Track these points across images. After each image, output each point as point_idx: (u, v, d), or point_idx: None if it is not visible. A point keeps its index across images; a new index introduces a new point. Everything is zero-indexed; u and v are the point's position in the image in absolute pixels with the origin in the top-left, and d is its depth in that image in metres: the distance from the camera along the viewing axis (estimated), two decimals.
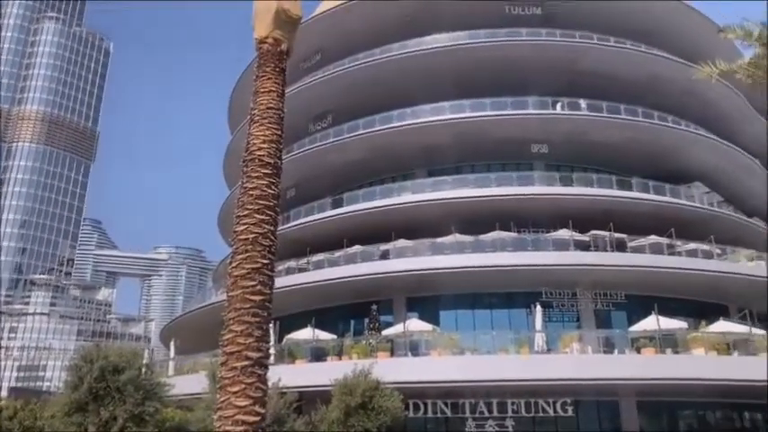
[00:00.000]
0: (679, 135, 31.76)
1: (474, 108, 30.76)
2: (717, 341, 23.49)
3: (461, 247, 27.50)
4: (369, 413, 18.00)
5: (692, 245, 28.35)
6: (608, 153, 32.31)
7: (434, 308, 28.58)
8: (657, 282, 26.88)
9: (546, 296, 26.97)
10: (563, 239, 27.57)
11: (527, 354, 22.75)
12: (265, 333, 6.64)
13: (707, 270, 26.74)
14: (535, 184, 30.04)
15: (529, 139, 31.18)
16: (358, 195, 31.95)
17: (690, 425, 26.59)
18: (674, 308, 27.64)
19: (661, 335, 23.40)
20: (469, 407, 23.16)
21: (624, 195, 29.32)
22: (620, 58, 31.52)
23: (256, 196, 7.03)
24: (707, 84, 25.87)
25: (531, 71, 31.85)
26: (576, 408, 23.52)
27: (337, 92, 33.45)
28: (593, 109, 30.88)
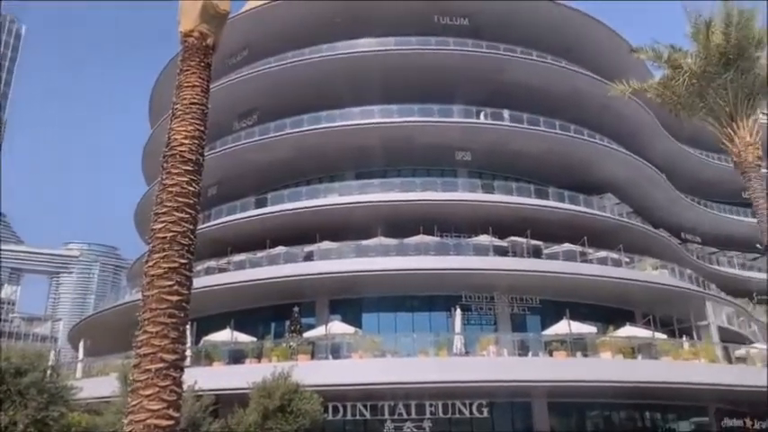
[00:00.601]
0: (594, 148, 33.34)
1: (402, 113, 31.14)
2: (623, 345, 24.78)
3: (386, 250, 27.73)
4: (287, 416, 17.81)
5: (602, 253, 29.79)
6: (528, 163, 33.51)
7: (357, 310, 28.66)
8: (570, 287, 28.07)
9: (466, 300, 27.60)
10: (483, 245, 28.33)
11: (446, 356, 23.16)
12: (182, 334, 6.46)
13: (615, 277, 28.19)
14: (458, 190, 30.71)
15: (454, 147, 31.87)
16: (283, 195, 31.60)
17: (596, 425, 27.86)
18: (585, 313, 28.95)
19: (572, 338, 24.44)
20: (388, 409, 23.33)
21: (541, 204, 30.47)
22: (541, 72, 32.77)
23: (176, 193, 6.83)
24: (621, 100, 27.38)
25: (458, 80, 32.58)
26: (491, 409, 24.15)
27: (264, 90, 32.99)
28: (515, 120, 31.92)
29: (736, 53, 14.60)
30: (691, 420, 29.59)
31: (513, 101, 32.58)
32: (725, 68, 14.71)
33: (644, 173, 35.88)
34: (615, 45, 34.17)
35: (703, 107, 15.43)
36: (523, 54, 32.46)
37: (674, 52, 15.66)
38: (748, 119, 14.99)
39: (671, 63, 15.69)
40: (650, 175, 36.29)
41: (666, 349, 25.48)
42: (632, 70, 27.34)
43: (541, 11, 33.57)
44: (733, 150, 15.13)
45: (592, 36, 35.02)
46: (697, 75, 15.08)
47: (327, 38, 32.52)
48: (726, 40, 14.59)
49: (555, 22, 34.02)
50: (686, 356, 25.63)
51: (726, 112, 15.03)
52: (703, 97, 15.26)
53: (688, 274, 32.89)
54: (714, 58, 14.79)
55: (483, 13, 33.25)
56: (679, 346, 26.30)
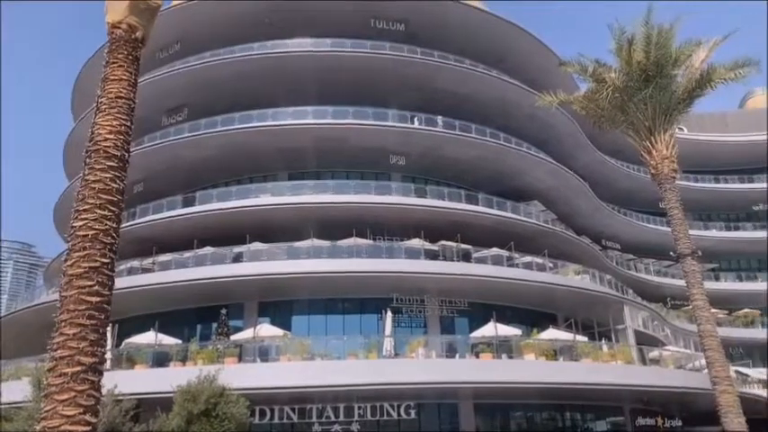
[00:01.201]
0: (522, 157, 34.35)
1: (336, 115, 31.08)
2: (546, 347, 25.61)
3: (318, 253, 27.56)
4: (212, 420, 17.40)
5: (528, 258, 30.71)
6: (459, 168, 34.18)
7: (287, 313, 28.39)
8: (497, 291, 28.80)
9: (397, 302, 27.86)
10: (415, 248, 28.66)
11: (375, 358, 23.27)
12: (102, 336, 6.20)
13: (540, 281, 29.12)
14: (392, 193, 30.94)
15: (388, 150, 32.09)
16: (212, 194, 30.86)
17: (520, 425, 28.68)
18: (511, 315, 29.77)
19: (498, 341, 25.09)
20: (317, 412, 23.19)
21: (472, 209, 31.10)
22: (473, 80, 33.50)
23: (99, 190, 6.55)
24: (549, 110, 28.46)
25: (393, 84, 32.86)
26: (419, 410, 24.43)
27: (195, 86, 32.17)
28: (448, 126, 32.47)
29: (655, 70, 15.44)
30: (607, 420, 30.93)
31: (447, 107, 33.16)
32: (645, 84, 15.52)
33: (569, 182, 37.29)
34: (545, 57, 35.35)
35: (624, 120, 16.22)
36: (457, 62, 33.06)
37: (598, 67, 16.39)
38: (665, 133, 15.87)
39: (595, 77, 16.41)
40: (575, 184, 37.76)
41: (587, 351, 26.50)
42: (561, 82, 28.41)
43: (475, 20, 34.31)
44: (651, 162, 15.97)
45: (523, 47, 36.09)
46: (619, 89, 15.85)
47: (262, 36, 32.07)
48: (646, 58, 15.40)
49: (488, 33, 34.85)
50: (605, 358, 26.76)
51: (645, 126, 15.87)
52: (625, 111, 16.05)
53: (608, 280, 34.39)
54: (635, 74, 15.59)
55: (418, 20, 33.68)
56: (598, 349, 27.40)
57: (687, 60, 15.89)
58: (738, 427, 13.51)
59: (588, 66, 16.64)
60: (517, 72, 35.50)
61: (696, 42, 15.89)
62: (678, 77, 16.00)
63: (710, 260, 47.68)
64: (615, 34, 15.77)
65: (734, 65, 15.57)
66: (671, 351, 32.35)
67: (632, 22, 15.88)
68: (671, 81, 15.80)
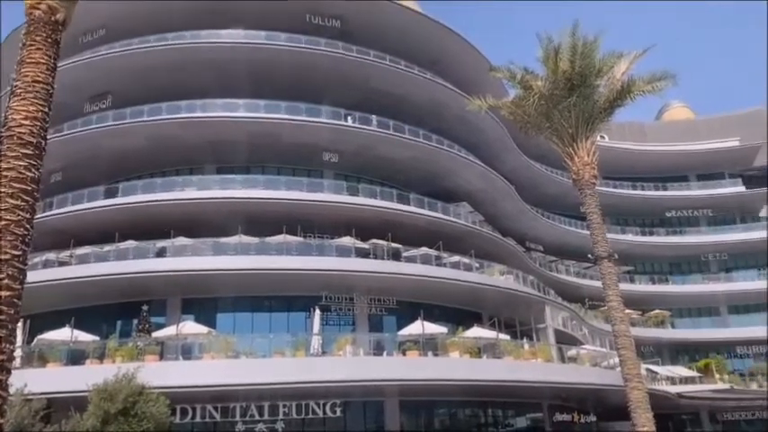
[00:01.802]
0: (453, 159, 34.97)
1: (269, 109, 30.62)
2: (470, 345, 26.19)
3: (246, 249, 27.11)
4: (130, 420, 16.79)
5: (456, 257, 31.32)
6: (392, 168, 34.44)
7: (212, 310, 27.78)
8: (425, 289, 29.23)
9: (326, 300, 27.80)
10: (346, 246, 28.67)
11: (303, 357, 23.12)
12: (11, 333, 5.88)
13: (467, 281, 29.76)
14: (324, 191, 30.78)
15: (321, 147, 31.95)
16: (136, 186, 29.77)
17: (443, 422, 29.19)
18: (438, 314, 30.29)
19: (425, 339, 25.45)
20: (240, 410, 22.82)
21: (403, 209, 31.41)
22: (408, 81, 33.84)
23: (11, 179, 6.22)
24: (479, 114, 29.10)
25: (327, 81, 32.73)
26: (345, 408, 24.46)
27: (121, 73, 30.94)
28: (382, 126, 32.66)
29: (579, 80, 16.08)
30: (527, 416, 32.00)
31: (382, 107, 33.33)
32: (569, 93, 16.15)
33: (496, 185, 38.28)
34: (477, 61, 36.11)
35: (549, 127, 16.82)
36: (392, 62, 33.29)
37: (526, 74, 16.92)
38: (587, 140, 16.57)
39: (523, 84, 16.93)
40: (502, 187, 38.80)
41: (509, 349, 27.32)
42: (493, 86, 29.17)
43: (409, 21, 34.64)
44: (573, 168, 16.64)
45: (456, 50, 36.71)
46: (545, 97, 16.42)
47: (194, 25, 31.17)
48: (571, 68, 16.03)
49: (423, 34, 35.28)
50: (526, 356, 27.65)
51: (568, 133, 16.51)
52: (550, 118, 16.64)
53: (530, 280, 35.55)
54: (561, 82, 16.19)
55: (354, 18, 33.68)
56: (520, 347, 28.29)
57: (609, 71, 16.64)
58: (646, 422, 14.28)
59: (517, 73, 17.16)
60: (451, 74, 36.10)
61: (618, 55, 16.67)
62: (600, 88, 16.73)
63: (626, 263, 50.21)
64: (543, 43, 16.34)
65: (652, 78, 16.43)
66: (588, 350, 33.79)
67: (559, 33, 16.48)
68: (594, 91, 16.51)
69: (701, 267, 55.30)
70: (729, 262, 55.09)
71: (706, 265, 55.25)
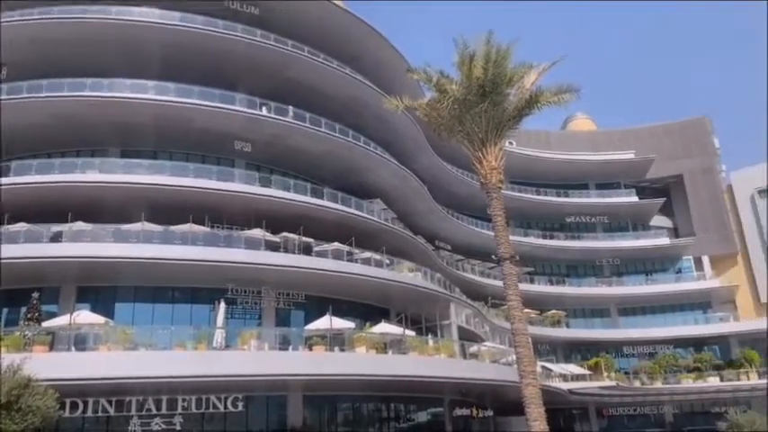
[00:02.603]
0: (368, 156, 35.15)
1: (180, 93, 29.49)
2: (377, 341, 26.50)
3: (149, 237, 26.01)
4: (14, 414, 15.67)
5: (367, 254, 31.52)
6: (307, 161, 34.17)
7: (110, 299, 26.53)
8: (335, 285, 29.25)
9: (232, 293, 27.26)
10: (255, 238, 28.14)
11: (205, 350, 22.54)
12: None
13: (377, 277, 30.03)
14: (235, 181, 30.01)
15: (233, 136, 31.20)
16: (31, 165, 27.81)
17: (346, 416, 29.40)
18: (346, 309, 30.46)
19: (332, 334, 25.49)
20: (136, 404, 21.95)
21: (316, 203, 31.22)
22: (326, 75, 33.65)
23: None
24: (396, 113, 29.38)
25: (244, 69, 32.01)
26: (247, 403, 24.10)
27: (19, 44, 28.77)
28: (299, 118, 32.28)
29: (491, 87, 16.62)
30: (428, 411, 32.82)
31: (298, 99, 32.96)
32: (482, 99, 16.65)
33: (410, 183, 38.86)
34: (396, 61, 36.47)
35: (461, 131, 17.28)
36: (311, 54, 32.98)
37: (441, 78, 17.30)
38: (495, 146, 17.16)
39: (438, 87, 17.30)
40: (415, 186, 39.43)
41: (414, 345, 27.86)
42: (410, 87, 29.60)
43: (330, 15, 34.39)
44: (481, 171, 17.20)
45: (376, 48, 36.85)
46: (459, 101, 16.85)
47: None
48: (484, 74, 16.53)
49: (344, 30, 35.19)
50: (430, 352, 28.29)
51: (479, 137, 17.03)
52: (462, 122, 17.10)
53: (438, 278, 36.37)
54: (474, 88, 16.66)
55: (274, 6, 33.05)
56: (425, 343, 28.94)
57: (520, 81, 17.29)
58: (538, 417, 15.02)
59: (433, 75, 17.50)
60: (370, 72, 36.23)
61: (529, 65, 17.36)
62: (511, 96, 17.35)
63: (527, 264, 52.50)
64: (459, 49, 16.75)
65: (558, 90, 17.24)
66: (488, 346, 35.03)
67: (475, 39, 16.95)
68: (504, 98, 17.11)
69: (596, 271, 58.78)
70: (621, 267, 58.92)
71: (600, 269, 58.78)
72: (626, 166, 60.23)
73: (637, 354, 54.84)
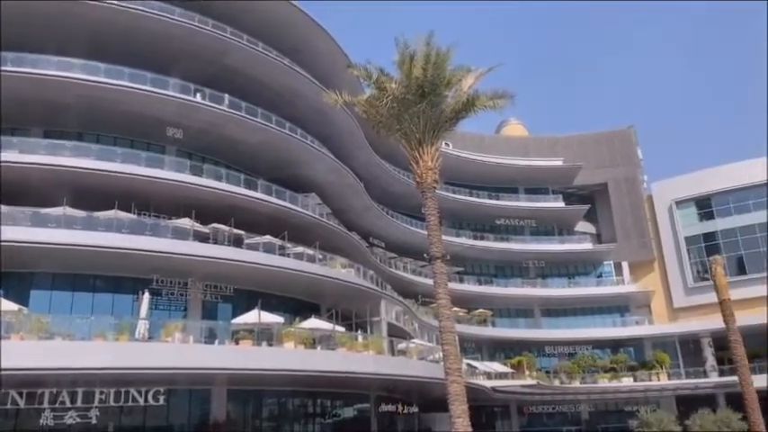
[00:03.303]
0: (306, 149, 34.85)
1: (110, 74, 28.23)
2: (306, 336, 26.37)
3: (70, 222, 24.82)
4: None
5: (300, 248, 31.29)
6: (241, 151, 33.54)
7: (26, 286, 25.20)
8: (266, 278, 28.88)
9: (157, 283, 26.48)
10: (184, 228, 27.40)
11: (126, 341, 21.78)
12: None
13: (309, 272, 29.85)
14: (165, 168, 29.08)
15: (165, 121, 30.22)
16: None
17: (272, 411, 29.16)
18: (276, 304, 30.13)
19: (260, 328, 25.18)
20: (49, 397, 20.95)
21: (250, 194, 30.67)
22: (264, 65, 33.07)
23: None
24: (335, 108, 29.24)
25: (179, 53, 31.05)
26: (168, 397, 23.49)
27: None
28: (234, 106, 31.59)
29: (430, 88, 16.80)
30: (354, 407, 32.95)
31: (235, 87, 32.29)
32: (420, 99, 16.81)
33: (346, 179, 38.80)
34: (337, 56, 36.24)
35: (399, 129, 17.39)
36: (250, 42, 32.34)
37: (381, 76, 17.35)
38: (432, 146, 17.37)
39: (378, 84, 17.35)
40: (351, 183, 39.40)
41: (343, 341, 27.90)
42: (350, 83, 29.46)
43: (274, 6, 33.77)
44: (417, 171, 17.37)
45: (318, 42, 36.48)
46: (398, 100, 16.95)
47: None
48: (424, 75, 16.70)
49: (286, 21, 34.63)
50: (359, 348, 28.43)
51: (416, 137, 17.19)
52: (400, 121, 17.21)
53: (370, 275, 36.53)
54: (413, 88, 16.80)
55: None
56: (354, 339, 29.04)
57: (458, 84, 17.56)
58: (462, 414, 15.34)
59: (373, 73, 17.53)
60: (311, 65, 35.86)
61: (467, 69, 17.66)
62: (449, 98, 17.60)
63: (458, 264, 53.50)
64: (400, 48, 16.85)
65: (494, 95, 17.63)
66: (416, 344, 35.50)
67: (416, 39, 17.08)
68: (442, 100, 17.34)
69: (522, 272, 60.57)
70: (546, 269, 60.99)
71: (526, 271, 60.60)
72: (554, 173, 62.31)
73: (557, 354, 56.89)
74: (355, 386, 30.40)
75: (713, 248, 54.63)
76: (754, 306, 49.53)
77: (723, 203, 58.32)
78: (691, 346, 55.15)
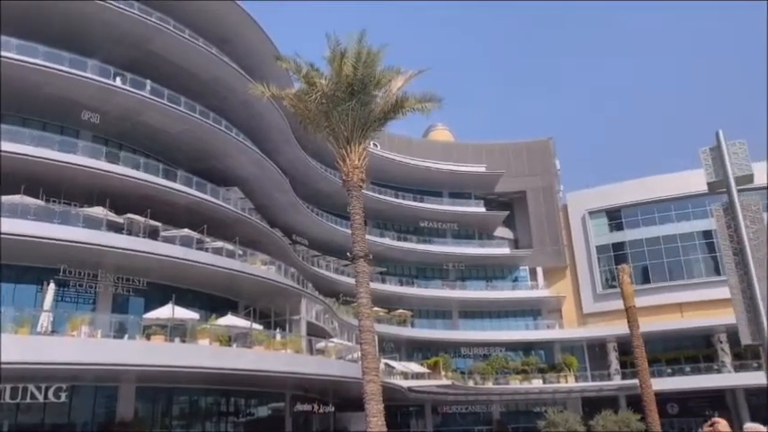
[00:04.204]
0: (230, 141, 33.97)
1: (23, 51, 26.46)
2: (221, 333, 25.75)
3: None
4: None
5: (219, 243, 30.49)
6: (162, 140, 32.32)
7: None
8: (182, 273, 27.95)
9: (65, 274, 25.11)
10: (96, 217, 26.08)
11: (27, 334, 20.47)
12: None
13: (228, 268, 29.12)
14: (78, 153, 27.55)
15: (81, 105, 28.68)
16: None
17: (183, 409, 28.25)
18: (192, 299, 29.28)
19: (174, 324, 24.33)
20: None
21: (168, 185, 29.55)
22: (192, 52, 31.98)
23: None
24: (262, 101, 28.76)
25: (102, 35, 29.51)
26: (71, 394, 22.32)
27: None
28: (156, 93, 30.40)
29: (360, 86, 16.78)
30: (269, 406, 32.46)
31: (160, 74, 31.06)
32: (350, 97, 16.77)
33: (271, 175, 38.12)
34: (268, 49, 35.54)
35: (327, 126, 17.28)
36: (176, 29, 31.21)
37: (311, 70, 17.18)
38: (359, 145, 17.37)
39: (307, 79, 17.16)
40: (276, 178, 38.73)
41: (261, 339, 27.43)
42: (280, 77, 29.01)
43: None
44: (344, 169, 17.32)
45: (248, 34, 35.66)
46: (327, 96, 16.83)
47: None
48: (354, 73, 16.66)
49: (215, 9, 33.62)
50: (276, 347, 28.03)
51: (344, 135, 17.14)
52: (329, 118, 17.10)
53: (292, 273, 36.10)
54: (343, 85, 16.74)
55: None
56: (272, 337, 28.61)
57: (388, 84, 17.63)
58: (377, 413, 15.40)
59: (303, 67, 17.33)
60: (240, 57, 35.01)
61: (397, 70, 17.75)
62: (378, 98, 17.64)
63: (381, 264, 53.82)
64: (331, 44, 16.73)
65: (422, 98, 17.83)
66: (336, 343, 35.40)
67: (348, 37, 17.01)
68: (372, 99, 17.36)
69: (442, 274, 61.72)
70: (465, 272, 62.41)
71: (446, 273, 61.79)
72: (477, 179, 63.85)
73: (473, 355, 58.33)
74: (270, 385, 29.94)
75: (621, 257, 57.52)
76: (657, 314, 52.76)
77: (632, 215, 61.64)
78: (597, 350, 57.91)
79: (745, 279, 8.28)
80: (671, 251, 59.03)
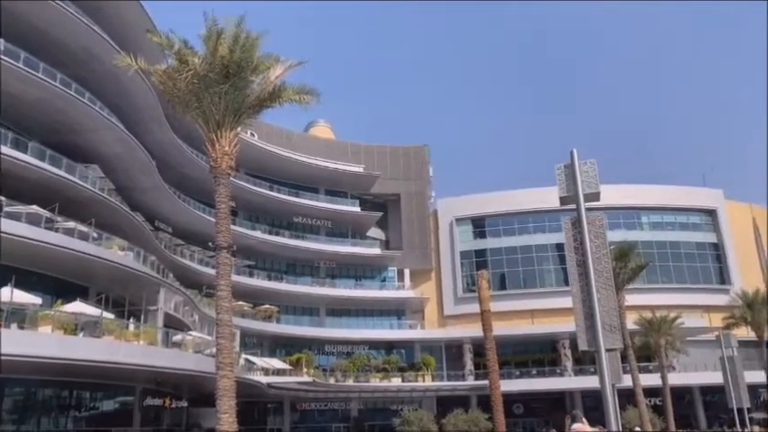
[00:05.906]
0: (92, 115, 31.52)
1: None
2: (67, 320, 23.83)
3: None
4: None
5: (72, 223, 28.18)
6: (14, 108, 29.28)
7: None
8: (26, 253, 25.51)
9: None
10: None
11: None
12: None
13: (77, 250, 26.95)
14: None
15: None
16: None
17: (16, 403, 25.79)
18: (36, 282, 26.91)
19: (11, 308, 22.14)
20: None
21: (17, 157, 26.86)
22: (57, 17, 29.36)
23: None
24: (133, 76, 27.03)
25: None
26: None
27: None
28: (11, 55, 27.53)
29: (235, 69, 16.22)
30: (116, 399, 30.56)
31: (24, 39, 28.09)
32: (224, 80, 16.14)
33: (137, 155, 35.88)
34: (143, 23, 33.39)
35: (198, 108, 16.51)
36: None
37: (184, 47, 16.35)
38: (231, 131, 16.78)
39: (179, 56, 16.32)
40: (142, 159, 36.52)
41: (112, 329, 25.78)
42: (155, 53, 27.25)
43: None
44: (212, 155, 16.66)
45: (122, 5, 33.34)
46: (200, 76, 16.09)
47: None
48: (230, 56, 16.08)
49: None
50: (129, 337, 26.50)
51: (215, 119, 16.48)
52: (200, 99, 16.35)
53: (152, 260, 34.22)
54: (217, 67, 16.09)
55: None
56: (124, 327, 26.98)
57: (266, 72, 17.18)
58: (228, 409, 14.90)
59: (175, 43, 16.46)
60: (114, 29, 32.49)
61: (276, 58, 17.33)
62: (254, 84, 17.14)
63: (250, 257, 52.68)
64: (208, 23, 16.04)
65: (301, 90, 17.55)
66: (194, 336, 34.08)
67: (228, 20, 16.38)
68: (247, 84, 16.82)
69: (313, 271, 61.66)
70: (336, 270, 62.79)
71: (317, 270, 61.81)
72: (354, 178, 64.46)
73: (336, 352, 58.77)
74: (119, 377, 28.19)
75: (482, 264, 60.65)
76: (511, 319, 56.18)
77: (494, 225, 65.24)
78: (454, 351, 60.60)
79: (585, 289, 9.00)
80: (526, 260, 63.16)
